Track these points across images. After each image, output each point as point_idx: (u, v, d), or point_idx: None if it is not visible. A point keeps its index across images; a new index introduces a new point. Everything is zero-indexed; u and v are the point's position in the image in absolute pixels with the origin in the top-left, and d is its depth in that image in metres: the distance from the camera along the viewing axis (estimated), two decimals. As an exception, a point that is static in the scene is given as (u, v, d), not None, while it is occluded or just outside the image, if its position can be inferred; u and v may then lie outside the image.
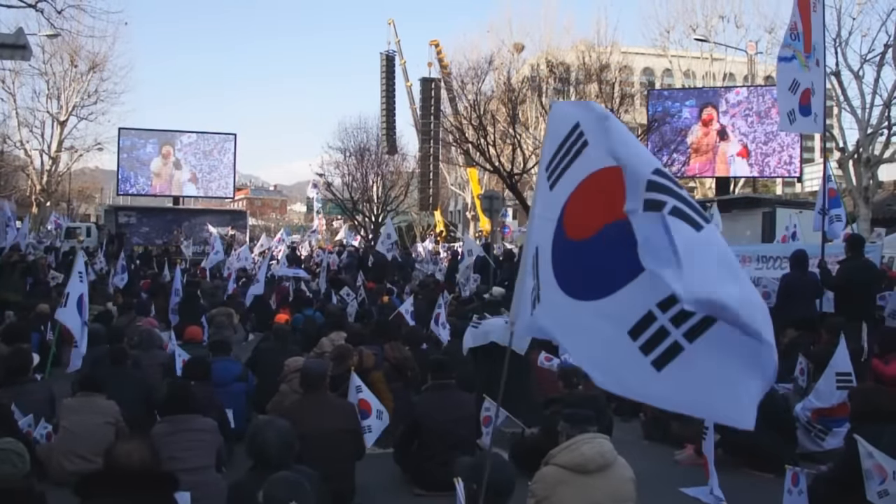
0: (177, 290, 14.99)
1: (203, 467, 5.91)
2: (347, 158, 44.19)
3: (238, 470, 5.94)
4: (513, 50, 40.00)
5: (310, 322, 12.77)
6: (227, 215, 40.63)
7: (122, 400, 7.35)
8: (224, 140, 39.70)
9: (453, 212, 58.27)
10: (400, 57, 47.44)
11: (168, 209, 39.22)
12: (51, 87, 37.97)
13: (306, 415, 6.24)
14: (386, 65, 46.81)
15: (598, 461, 4.54)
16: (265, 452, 4.60)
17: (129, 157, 37.92)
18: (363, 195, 43.26)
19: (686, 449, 7.98)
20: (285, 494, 3.66)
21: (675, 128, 26.37)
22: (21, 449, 5.04)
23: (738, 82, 37.70)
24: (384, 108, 46.29)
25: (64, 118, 38.35)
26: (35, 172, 39.20)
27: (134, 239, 35.62)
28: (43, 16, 19.38)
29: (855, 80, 24.80)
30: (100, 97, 39.24)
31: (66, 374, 9.91)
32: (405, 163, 49.04)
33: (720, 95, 27.45)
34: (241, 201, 76.95)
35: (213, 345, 9.43)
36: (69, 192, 51.32)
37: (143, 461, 4.11)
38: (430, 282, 19.55)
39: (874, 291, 10.79)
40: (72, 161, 42.31)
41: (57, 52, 36.66)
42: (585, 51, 29.79)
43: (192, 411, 6.20)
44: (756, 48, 35.57)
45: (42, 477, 6.63)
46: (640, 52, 47.17)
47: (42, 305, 13.05)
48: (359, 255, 25.61)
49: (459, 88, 29.79)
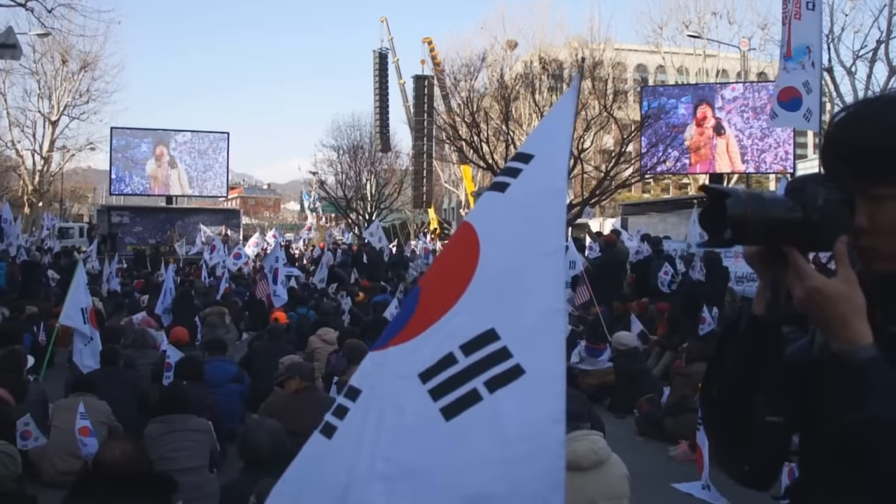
0: (169, 290, 14.93)
1: (196, 468, 5.89)
2: (341, 156, 44.23)
3: (231, 470, 5.93)
4: (506, 47, 40.08)
5: (303, 320, 12.74)
6: (221, 214, 40.56)
7: (114, 400, 7.32)
8: (217, 139, 39.66)
9: (447, 209, 58.25)
10: (393, 55, 47.39)
11: (161, 209, 39.12)
12: (42, 87, 37.89)
13: (299, 413, 6.24)
14: (379, 62, 46.77)
15: (592, 458, 4.53)
16: (257, 453, 4.60)
17: (124, 157, 37.83)
18: (357, 193, 43.25)
19: (680, 445, 7.98)
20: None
21: (670, 124, 26.39)
22: (13, 451, 5.03)
23: (732, 79, 37.77)
24: (377, 106, 46.26)
25: (55, 118, 38.21)
26: (27, 173, 39.06)
27: (127, 239, 35.53)
28: (33, 15, 19.35)
29: (847, 77, 24.91)
30: (91, 96, 39.17)
31: (59, 375, 9.85)
32: (399, 160, 49.13)
33: (716, 92, 27.49)
34: (234, 200, 76.80)
35: (209, 344, 9.40)
36: (61, 192, 51.13)
37: (125, 455, 4.10)
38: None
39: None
40: (64, 161, 42.17)
41: (48, 51, 36.56)
42: (579, 48, 29.82)
43: (185, 411, 6.18)
44: (749, 44, 35.61)
45: (34, 478, 6.61)
46: (634, 48, 47.21)
47: (30, 307, 12.98)
48: (353, 253, 25.59)
49: (452, 86, 29.76)
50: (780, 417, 1.49)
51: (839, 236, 1.40)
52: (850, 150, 1.50)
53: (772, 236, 1.43)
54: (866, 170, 1.46)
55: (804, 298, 1.41)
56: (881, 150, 1.45)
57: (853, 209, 1.44)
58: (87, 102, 39.14)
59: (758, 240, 1.45)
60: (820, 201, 1.40)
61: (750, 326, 1.54)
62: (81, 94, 38.77)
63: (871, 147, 1.46)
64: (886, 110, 1.51)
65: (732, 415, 1.55)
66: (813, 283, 1.39)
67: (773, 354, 1.52)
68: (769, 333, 1.52)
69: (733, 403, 1.54)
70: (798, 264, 1.42)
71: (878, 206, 1.46)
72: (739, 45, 35.81)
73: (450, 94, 32.04)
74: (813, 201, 1.40)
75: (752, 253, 1.52)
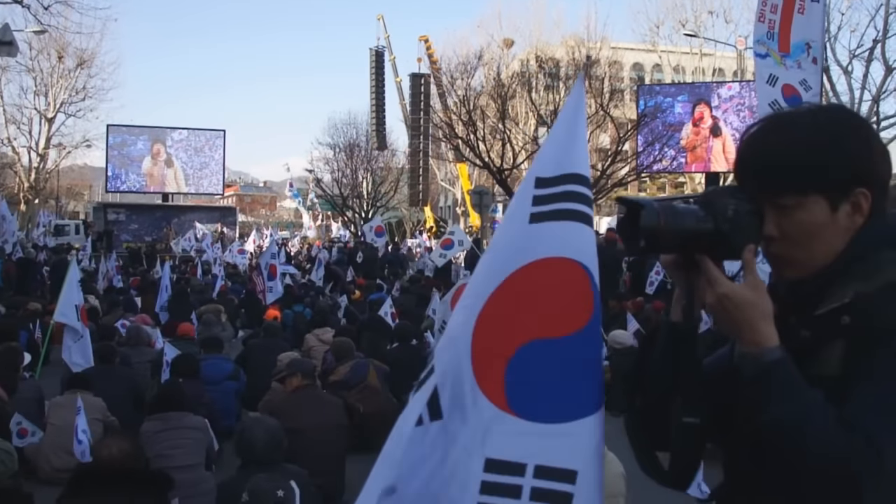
0: (166, 287, 14.93)
1: (192, 465, 5.89)
2: (337, 154, 44.20)
3: (228, 468, 5.93)
4: (502, 45, 40.03)
5: (300, 318, 12.74)
6: (217, 212, 40.54)
7: (110, 397, 7.33)
8: (214, 136, 39.63)
9: (443, 207, 58.24)
10: (389, 53, 47.26)
11: (157, 206, 39.13)
12: (38, 84, 37.73)
13: (297, 410, 6.25)
14: (375, 60, 46.65)
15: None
16: (253, 450, 4.60)
17: (120, 154, 37.81)
18: (353, 191, 43.21)
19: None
20: (270, 486, 3.67)
21: (666, 122, 26.41)
22: (9, 448, 5.04)
23: (728, 77, 37.80)
24: (373, 104, 46.16)
25: (52, 115, 38.10)
26: (23, 170, 38.95)
27: (123, 236, 35.49)
28: (30, 12, 19.32)
29: (844, 76, 24.91)
30: (88, 94, 38.99)
31: (55, 372, 9.85)
32: (395, 158, 49.09)
33: (712, 90, 27.52)
34: (230, 198, 76.73)
35: (205, 342, 9.40)
36: (57, 189, 51.04)
37: (122, 452, 4.11)
38: (420, 278, 19.54)
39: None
40: (60, 158, 42.05)
41: (44, 48, 36.40)
42: (575, 46, 29.81)
43: (181, 409, 6.18)
44: (745, 43, 35.52)
45: (30, 474, 6.62)
46: (630, 47, 47.16)
47: (33, 304, 12.99)
48: (348, 252, 25.59)
49: (449, 84, 29.78)
50: (697, 419, 1.54)
51: (747, 245, 1.48)
52: (757, 163, 1.58)
53: (685, 246, 1.48)
54: (773, 182, 1.53)
55: (714, 304, 1.47)
56: (785, 164, 1.53)
57: (762, 219, 1.53)
58: (83, 100, 39.05)
59: (671, 249, 1.51)
60: (730, 212, 1.47)
61: (668, 333, 1.61)
62: (78, 92, 38.68)
63: (775, 161, 1.54)
64: (790, 126, 1.59)
65: (653, 420, 1.61)
66: (722, 290, 1.46)
67: (689, 358, 1.57)
68: (685, 340, 1.57)
69: (654, 408, 1.60)
70: (709, 272, 1.48)
71: (785, 216, 1.53)
72: (736, 43, 35.81)
73: (446, 93, 32.07)
74: (723, 212, 1.47)
75: (668, 261, 1.59)
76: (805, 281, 1.56)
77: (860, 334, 1.44)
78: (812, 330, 1.52)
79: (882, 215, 1.56)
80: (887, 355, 1.40)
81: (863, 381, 1.40)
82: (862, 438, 1.33)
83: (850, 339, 1.46)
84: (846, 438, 1.33)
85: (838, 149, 1.53)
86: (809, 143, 1.54)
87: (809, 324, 1.53)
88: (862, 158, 1.54)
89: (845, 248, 1.54)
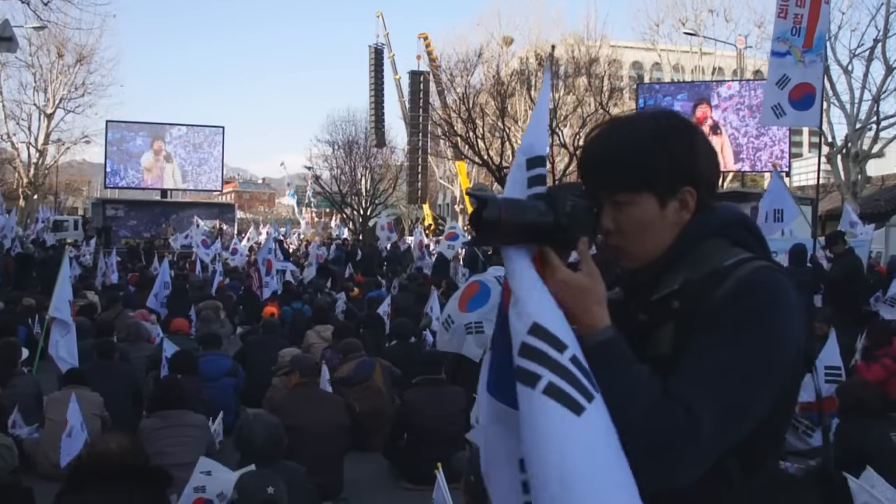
0: (165, 283, 14.91)
1: (192, 463, 5.87)
2: (336, 151, 44.19)
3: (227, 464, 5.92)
4: (502, 43, 39.98)
5: (298, 315, 12.74)
6: (216, 208, 40.52)
7: (108, 393, 7.31)
8: (213, 133, 39.56)
9: (442, 205, 58.26)
10: (388, 50, 47.20)
11: (156, 202, 39.07)
12: (37, 80, 37.75)
13: (298, 407, 6.25)
14: (374, 58, 46.60)
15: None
16: (252, 447, 4.60)
17: (119, 150, 37.75)
18: (351, 188, 43.20)
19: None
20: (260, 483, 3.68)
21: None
22: (9, 443, 5.04)
23: (728, 76, 37.79)
24: (373, 102, 46.11)
25: (51, 111, 38.11)
26: (22, 165, 38.97)
27: (121, 232, 35.45)
28: (29, 7, 19.18)
29: (844, 75, 24.92)
30: (87, 90, 39.06)
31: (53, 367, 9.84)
32: (394, 156, 49.11)
33: (712, 89, 27.51)
34: (229, 194, 76.65)
35: (203, 338, 9.39)
36: (56, 185, 51.00)
37: (121, 448, 4.10)
38: (419, 276, 19.53)
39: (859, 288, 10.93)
40: (59, 154, 42.10)
41: (44, 44, 36.41)
42: (574, 44, 29.82)
43: (181, 406, 6.18)
44: (745, 42, 35.64)
45: (29, 469, 6.61)
46: (630, 45, 47.17)
47: (27, 299, 12.97)
48: (347, 249, 25.58)
49: (448, 81, 29.83)
50: None
51: (581, 237, 1.61)
52: (596, 163, 1.74)
53: (531, 237, 1.58)
54: (609, 180, 1.70)
55: (554, 289, 1.55)
56: (619, 165, 1.69)
57: (597, 214, 1.69)
58: (82, 96, 39.11)
59: (512, 240, 1.58)
60: (568, 207, 1.60)
61: None
62: (77, 88, 38.72)
63: (611, 162, 1.70)
64: (625, 130, 1.74)
65: None
66: (561, 277, 1.58)
67: None
68: None
69: None
70: (549, 261, 1.59)
71: (620, 211, 1.70)
72: (736, 42, 35.85)
73: (445, 90, 32.11)
74: (562, 207, 1.59)
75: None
76: (641, 270, 1.75)
77: (688, 317, 1.62)
78: (648, 314, 1.70)
79: (709, 211, 1.76)
80: (705, 330, 1.57)
81: (685, 356, 1.56)
82: (682, 407, 1.47)
83: (679, 321, 1.64)
84: (668, 408, 1.47)
85: (664, 152, 1.68)
86: (639, 146, 1.69)
87: (646, 308, 1.71)
88: (686, 160, 1.70)
89: (674, 240, 1.73)
